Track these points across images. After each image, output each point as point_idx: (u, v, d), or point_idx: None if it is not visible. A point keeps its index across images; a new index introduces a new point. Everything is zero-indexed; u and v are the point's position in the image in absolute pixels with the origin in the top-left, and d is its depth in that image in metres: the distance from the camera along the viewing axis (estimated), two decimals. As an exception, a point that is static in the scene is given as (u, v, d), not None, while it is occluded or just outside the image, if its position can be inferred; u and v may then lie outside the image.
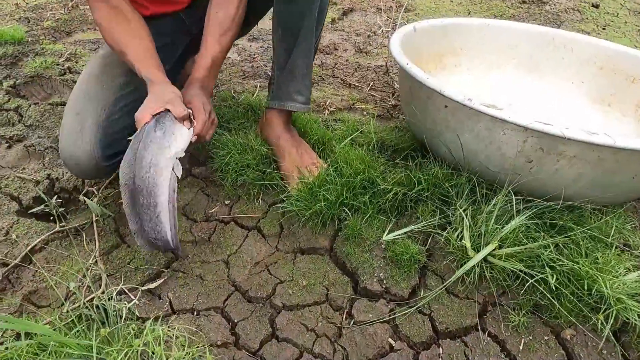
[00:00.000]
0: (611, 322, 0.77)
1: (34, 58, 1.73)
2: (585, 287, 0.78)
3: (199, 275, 0.96)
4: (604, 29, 2.08)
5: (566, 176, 0.87)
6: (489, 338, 0.84)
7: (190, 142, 0.90)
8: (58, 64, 1.70)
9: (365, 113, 1.46)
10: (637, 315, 0.77)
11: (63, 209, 1.11)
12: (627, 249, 0.94)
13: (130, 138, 0.86)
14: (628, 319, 0.77)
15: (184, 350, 0.64)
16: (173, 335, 0.71)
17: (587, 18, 2.16)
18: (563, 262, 0.81)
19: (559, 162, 0.85)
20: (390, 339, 0.85)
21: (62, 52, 1.80)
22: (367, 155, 1.08)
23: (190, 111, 0.91)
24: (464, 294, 0.89)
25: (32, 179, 1.17)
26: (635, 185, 0.88)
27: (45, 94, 1.59)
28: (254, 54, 1.87)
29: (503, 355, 0.82)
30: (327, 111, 1.44)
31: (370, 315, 0.88)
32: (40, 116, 1.43)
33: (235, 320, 0.87)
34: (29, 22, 2.05)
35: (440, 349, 0.83)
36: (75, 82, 1.62)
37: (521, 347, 0.82)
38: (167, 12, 1.12)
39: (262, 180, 1.09)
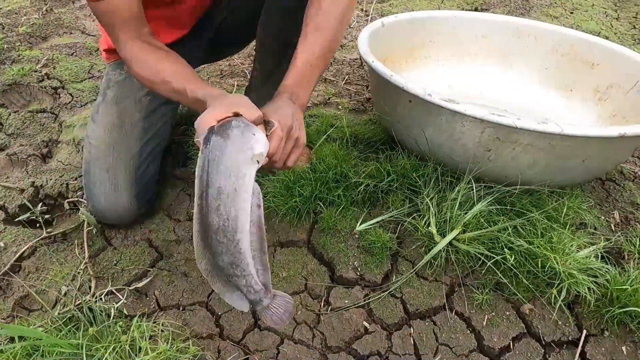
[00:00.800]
0: (563, 295, 0.84)
1: (11, 65, 1.74)
2: (540, 265, 0.85)
3: (184, 272, 1.01)
4: (571, 12, 2.14)
5: (522, 162, 0.93)
6: (455, 316, 0.91)
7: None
8: (36, 71, 1.71)
9: (340, 107, 1.50)
10: (587, 287, 0.84)
11: (49, 215, 1.14)
12: (582, 227, 1.01)
13: (198, 139, 0.68)
14: (579, 292, 0.84)
15: (168, 343, 0.69)
16: (159, 330, 0.76)
17: (555, 2, 2.22)
18: (520, 243, 0.87)
19: (514, 150, 0.91)
20: (365, 322, 0.91)
21: (39, 58, 1.81)
22: (340, 149, 1.13)
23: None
24: (432, 277, 0.95)
25: (17, 187, 1.20)
26: (586, 168, 0.95)
27: (24, 102, 1.61)
28: (231, 52, 1.89)
29: (469, 332, 0.88)
30: (303, 107, 1.48)
31: (347, 301, 0.94)
32: (21, 124, 1.45)
33: (219, 313, 0.93)
34: (3, 28, 2.05)
35: (411, 328, 0.90)
36: (54, 88, 1.64)
37: (485, 323, 0.88)
38: (174, 41, 1.10)
39: (240, 179, 1.13)
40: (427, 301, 0.93)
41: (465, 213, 0.94)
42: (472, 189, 0.96)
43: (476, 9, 2.24)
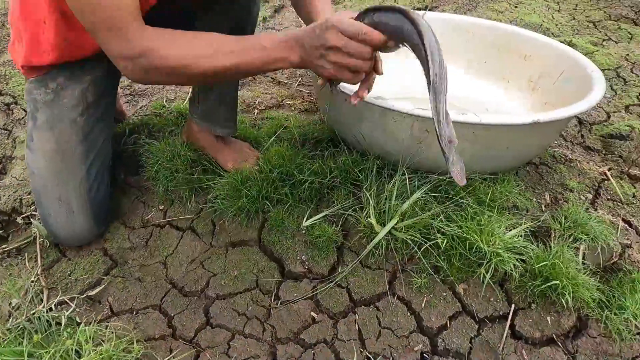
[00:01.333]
0: (491, 273, 0.90)
1: (-39, 84, 1.72)
2: (468, 247, 0.91)
3: (138, 278, 1.04)
4: (516, 7, 2.24)
5: (452, 152, 0.99)
6: (397, 301, 0.96)
7: None
8: (-14, 88, 1.70)
9: (293, 109, 1.54)
10: (513, 265, 0.90)
11: (2, 231, 1.15)
12: (514, 209, 1.08)
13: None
14: (505, 269, 0.91)
15: (111, 344, 0.72)
16: (106, 333, 0.79)
17: (501, -3, 2.32)
18: (451, 227, 0.93)
19: (443, 141, 0.97)
20: (312, 313, 0.96)
21: (-10, 75, 1.79)
22: (287, 150, 1.17)
23: None
24: (375, 265, 1.01)
25: (-31, 205, 1.20)
26: (510, 154, 1.02)
27: (-24, 120, 1.60)
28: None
29: (409, 314, 0.94)
30: (256, 110, 1.52)
31: (295, 294, 0.99)
32: (-28, 143, 1.44)
33: (172, 314, 0.96)
34: (-47, 46, 2.02)
35: (356, 315, 0.95)
36: (6, 105, 1.63)
37: (423, 305, 0.94)
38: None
39: (191, 184, 1.16)
40: (370, 288, 0.98)
41: (403, 203, 0.99)
42: (408, 180, 1.01)
43: (426, 7, 2.31)
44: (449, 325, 0.91)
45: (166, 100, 1.59)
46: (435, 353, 0.89)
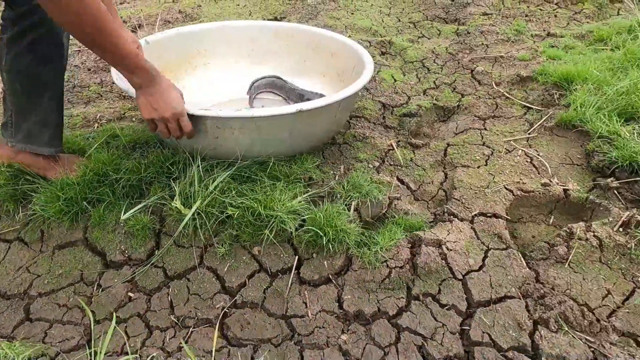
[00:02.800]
0: (274, 233, 1.09)
1: None
2: (252, 214, 1.09)
3: (-40, 291, 1.08)
4: (352, 13, 2.54)
5: (244, 142, 1.18)
6: (206, 270, 1.11)
7: None
8: None
9: (134, 119, 1.65)
10: (293, 224, 1.10)
11: None
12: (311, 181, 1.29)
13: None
14: (286, 228, 1.10)
15: None
16: None
17: (339, 6, 2.61)
18: (242, 201, 1.11)
19: (234, 134, 1.15)
20: (130, 293, 1.07)
21: None
22: (111, 155, 1.28)
23: None
24: (188, 244, 1.15)
25: None
26: (296, 138, 1.23)
27: None
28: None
29: (214, 279, 1.09)
30: (97, 124, 1.61)
31: (116, 281, 1.10)
32: None
33: (-9, 317, 1.02)
34: None
35: (169, 288, 1.08)
36: None
37: (226, 270, 1.10)
38: None
39: (15, 196, 1.23)
40: (183, 264, 1.12)
41: (207, 187, 1.15)
42: (214, 168, 1.18)
43: (275, 18, 2.54)
44: (247, 283, 1.08)
45: None
46: (235, 307, 1.05)
